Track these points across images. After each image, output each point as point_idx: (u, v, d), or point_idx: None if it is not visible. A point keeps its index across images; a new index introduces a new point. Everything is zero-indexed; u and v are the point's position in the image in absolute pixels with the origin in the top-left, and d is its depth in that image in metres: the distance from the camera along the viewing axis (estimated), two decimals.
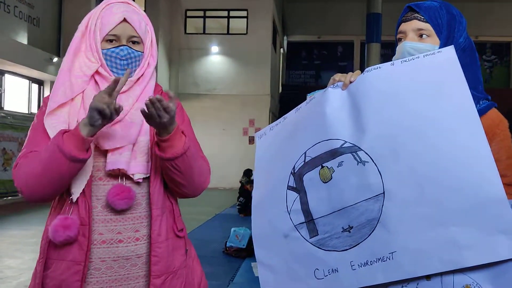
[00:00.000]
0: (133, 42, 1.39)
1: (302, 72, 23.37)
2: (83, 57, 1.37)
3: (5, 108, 10.86)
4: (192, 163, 1.36)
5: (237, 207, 9.49)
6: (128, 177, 1.35)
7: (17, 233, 6.84)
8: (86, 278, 1.30)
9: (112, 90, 1.24)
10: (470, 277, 1.13)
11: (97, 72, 1.37)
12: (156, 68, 1.47)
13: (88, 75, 1.35)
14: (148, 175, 1.36)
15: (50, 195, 1.32)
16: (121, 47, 1.37)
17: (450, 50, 1.22)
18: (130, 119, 1.35)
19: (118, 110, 1.26)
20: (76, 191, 1.30)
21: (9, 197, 10.28)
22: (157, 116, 1.25)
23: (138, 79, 1.40)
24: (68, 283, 1.28)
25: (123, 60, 1.37)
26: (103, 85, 1.34)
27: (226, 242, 5.80)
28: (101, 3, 1.41)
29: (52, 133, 1.31)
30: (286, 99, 19.74)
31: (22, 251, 5.67)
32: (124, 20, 1.37)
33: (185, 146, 1.32)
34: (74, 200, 1.30)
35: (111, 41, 1.37)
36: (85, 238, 1.29)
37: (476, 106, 1.21)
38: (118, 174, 1.34)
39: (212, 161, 1.58)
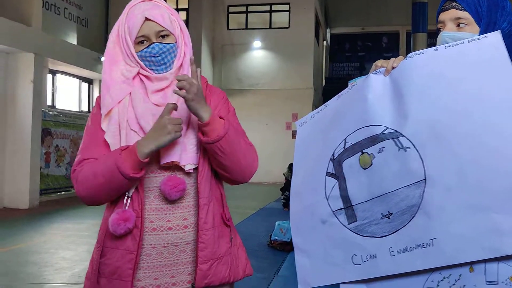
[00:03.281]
0: (163, 36, 1.42)
1: (346, 64, 23.05)
2: (123, 65, 1.43)
3: (57, 107, 11.32)
4: (236, 144, 1.41)
5: (281, 200, 9.50)
6: (178, 168, 1.41)
7: (71, 227, 7.14)
8: (138, 264, 1.38)
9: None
10: None
11: (139, 73, 1.43)
12: (199, 64, 1.52)
13: (130, 78, 1.42)
14: (196, 165, 1.42)
15: (108, 201, 1.43)
16: (152, 45, 1.40)
17: (496, 35, 1.19)
18: (178, 114, 1.40)
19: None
20: (131, 188, 1.39)
21: (63, 192, 10.74)
22: (186, 89, 1.32)
23: (178, 70, 1.45)
24: (122, 270, 1.37)
25: (157, 57, 1.41)
26: (149, 83, 1.42)
27: (271, 235, 5.83)
28: (124, 9, 1.46)
29: (108, 138, 1.41)
30: (330, 92, 19.50)
31: (76, 243, 5.91)
32: (146, 19, 1.40)
33: (225, 127, 1.38)
34: (131, 194, 1.38)
35: (142, 42, 1.41)
36: (138, 229, 1.37)
37: None
38: (169, 166, 1.40)
39: None
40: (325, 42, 22.01)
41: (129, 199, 1.38)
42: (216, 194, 1.47)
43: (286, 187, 9.44)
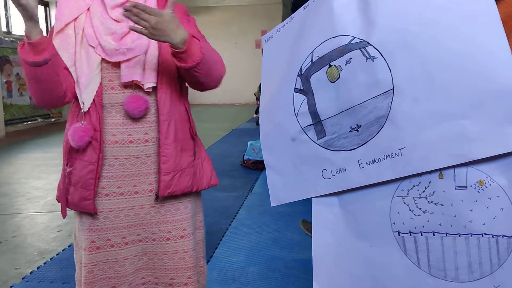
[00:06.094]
0: None
1: None
2: None
3: (13, 33, 10.71)
4: (210, 62, 1.44)
5: (255, 122, 9.54)
6: (138, 86, 1.45)
7: (41, 156, 7.04)
8: (102, 173, 1.48)
9: None
10: (484, 171, 1.09)
11: None
12: None
13: None
14: (156, 84, 1.46)
15: (50, 100, 1.44)
16: None
17: None
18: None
19: None
20: (86, 101, 1.42)
21: (29, 122, 10.47)
22: (143, 20, 1.28)
23: None
24: (84, 179, 1.47)
25: None
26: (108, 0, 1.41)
27: (244, 155, 5.91)
28: None
29: (61, 53, 1.41)
30: (299, 7, 19.02)
31: (46, 172, 5.88)
32: None
33: (202, 50, 1.38)
34: (85, 109, 1.42)
35: None
36: (97, 142, 1.44)
37: None
38: (130, 84, 1.44)
39: (225, 77, 1.60)
40: None
41: (86, 113, 1.42)
42: (179, 109, 1.52)
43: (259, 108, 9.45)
